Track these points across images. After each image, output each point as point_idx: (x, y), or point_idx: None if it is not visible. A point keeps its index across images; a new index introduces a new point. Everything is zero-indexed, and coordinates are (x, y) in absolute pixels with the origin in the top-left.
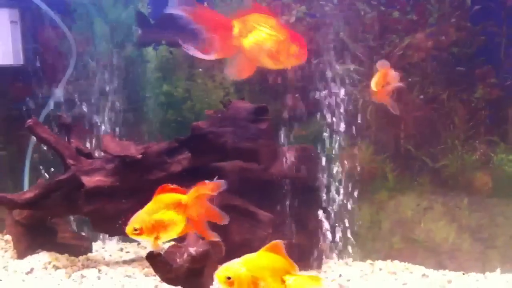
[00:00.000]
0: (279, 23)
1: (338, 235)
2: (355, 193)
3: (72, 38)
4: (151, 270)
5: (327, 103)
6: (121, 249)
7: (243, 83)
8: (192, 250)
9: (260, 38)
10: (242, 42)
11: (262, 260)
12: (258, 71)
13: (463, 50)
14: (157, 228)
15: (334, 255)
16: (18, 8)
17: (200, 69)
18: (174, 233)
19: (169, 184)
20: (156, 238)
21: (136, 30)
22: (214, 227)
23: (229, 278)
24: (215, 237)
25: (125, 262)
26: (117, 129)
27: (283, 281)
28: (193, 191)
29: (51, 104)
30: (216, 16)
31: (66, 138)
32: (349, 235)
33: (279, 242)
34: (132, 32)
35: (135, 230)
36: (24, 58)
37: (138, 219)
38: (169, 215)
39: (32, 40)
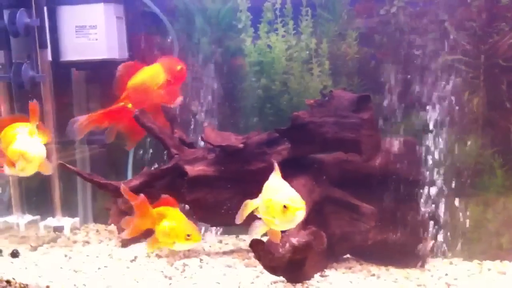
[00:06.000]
0: None
1: (442, 234)
2: (461, 190)
3: (174, 34)
4: (251, 261)
5: (430, 95)
6: (220, 241)
7: (341, 75)
8: (294, 240)
9: None
10: None
11: None
12: (359, 65)
13: None
14: None
15: (438, 254)
16: (124, 3)
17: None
18: None
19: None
20: None
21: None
22: (314, 219)
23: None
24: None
25: (225, 253)
26: (216, 122)
27: None
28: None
29: None
30: None
31: (170, 128)
32: (454, 233)
33: None
34: (231, 27)
35: None
36: (129, 53)
37: None
38: None
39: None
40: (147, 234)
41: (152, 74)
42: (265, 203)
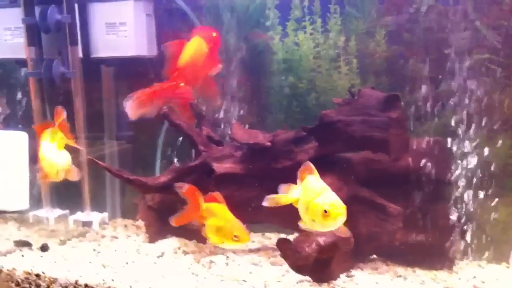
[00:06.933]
0: None
1: (470, 235)
2: (489, 192)
3: None
4: (277, 259)
5: (458, 94)
6: None
7: (369, 73)
8: (321, 240)
9: None
10: None
11: None
12: (387, 63)
13: None
14: None
15: (466, 256)
16: (153, 1)
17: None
18: None
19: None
20: None
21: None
22: None
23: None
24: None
25: (251, 251)
26: (243, 120)
27: None
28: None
29: None
30: None
31: (198, 126)
32: (482, 235)
33: None
34: (259, 24)
35: None
36: (158, 50)
37: None
38: None
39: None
40: (174, 230)
41: (196, 48)
42: (305, 204)
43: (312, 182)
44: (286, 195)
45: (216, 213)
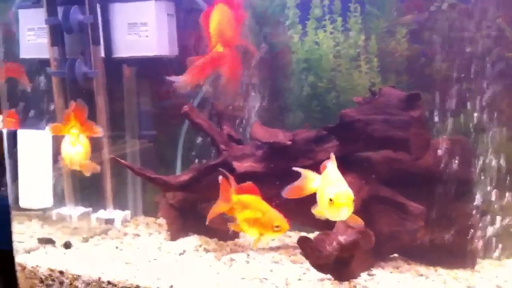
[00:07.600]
0: None
1: (492, 235)
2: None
3: None
4: (297, 257)
5: (482, 94)
6: None
7: (390, 72)
8: (342, 238)
9: None
10: None
11: None
12: (408, 62)
13: None
14: None
15: (488, 256)
16: (174, 1)
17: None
18: None
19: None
20: None
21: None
22: (361, 217)
23: None
24: None
25: (271, 249)
26: (263, 119)
27: None
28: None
29: (202, 93)
30: None
31: (218, 125)
32: (504, 235)
33: None
34: (278, 24)
35: None
36: (179, 50)
37: None
38: None
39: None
40: (195, 228)
41: (221, 14)
42: (319, 193)
43: (329, 173)
44: (307, 184)
45: (250, 205)
